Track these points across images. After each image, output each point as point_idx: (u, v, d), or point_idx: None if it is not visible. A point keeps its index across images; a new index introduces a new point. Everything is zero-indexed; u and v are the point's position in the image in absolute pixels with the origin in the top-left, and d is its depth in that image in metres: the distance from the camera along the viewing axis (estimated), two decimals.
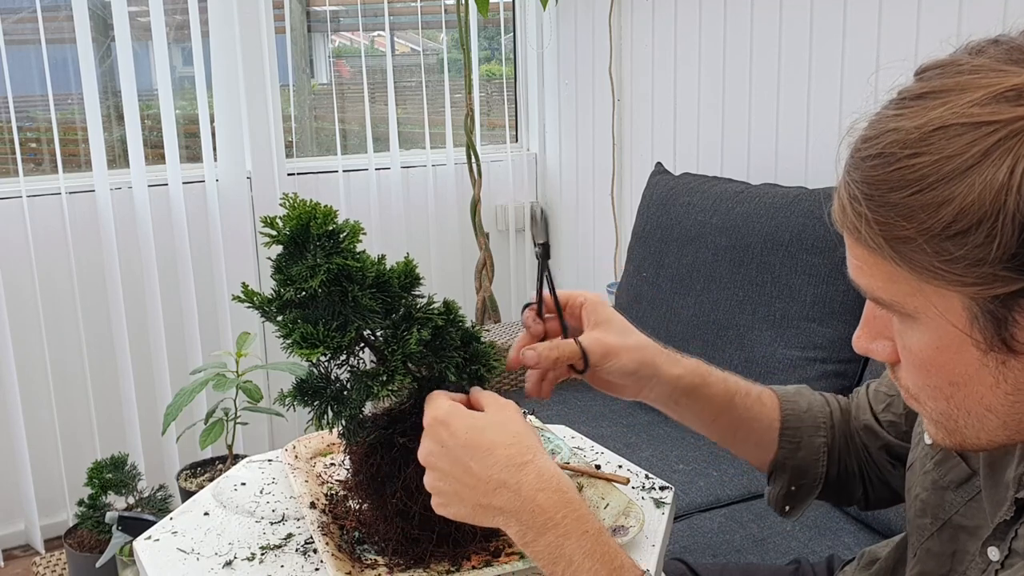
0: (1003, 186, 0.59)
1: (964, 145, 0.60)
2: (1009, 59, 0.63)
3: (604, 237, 2.94)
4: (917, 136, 0.62)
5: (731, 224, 2.05)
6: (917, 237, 0.63)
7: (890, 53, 1.98)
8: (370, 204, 2.86)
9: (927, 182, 0.61)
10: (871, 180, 0.65)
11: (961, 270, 0.62)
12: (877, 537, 1.61)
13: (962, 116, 0.61)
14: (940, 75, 0.65)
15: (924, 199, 0.62)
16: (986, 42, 0.66)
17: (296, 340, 0.84)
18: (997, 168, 0.59)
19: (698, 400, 1.00)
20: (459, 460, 0.81)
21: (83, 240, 2.50)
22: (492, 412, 0.84)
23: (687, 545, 1.63)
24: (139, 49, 2.59)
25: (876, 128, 0.66)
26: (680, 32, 2.56)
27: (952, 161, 0.60)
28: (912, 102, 0.65)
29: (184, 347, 2.65)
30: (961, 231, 0.61)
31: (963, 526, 0.82)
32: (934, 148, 0.61)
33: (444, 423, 0.82)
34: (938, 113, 0.62)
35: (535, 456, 0.80)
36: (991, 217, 0.59)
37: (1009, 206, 0.59)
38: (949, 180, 0.60)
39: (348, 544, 0.94)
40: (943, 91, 0.63)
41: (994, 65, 0.63)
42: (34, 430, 2.51)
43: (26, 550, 2.59)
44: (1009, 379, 0.66)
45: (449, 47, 3.12)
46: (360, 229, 0.87)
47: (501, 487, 0.79)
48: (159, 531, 1.01)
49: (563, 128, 3.09)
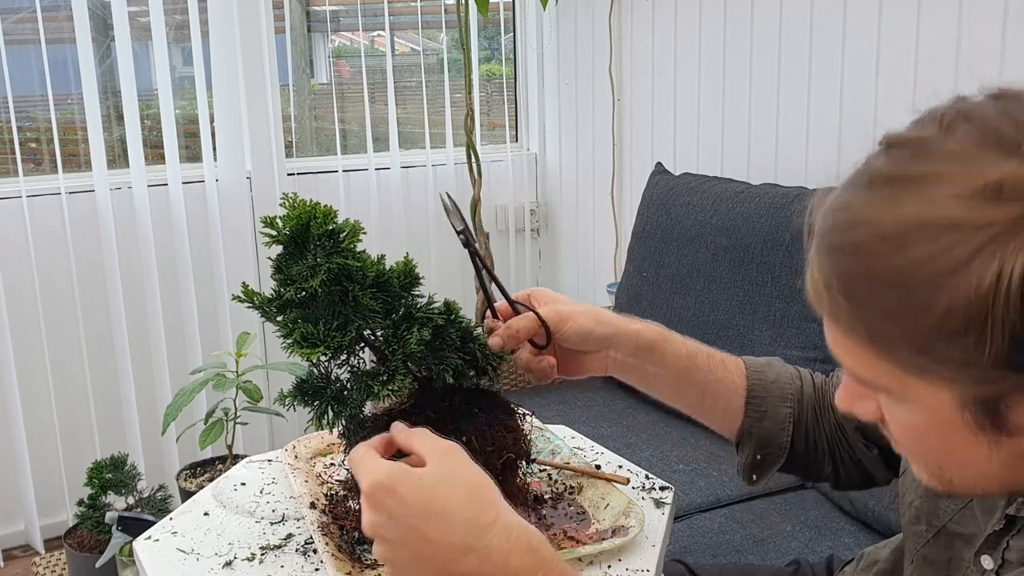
0: (989, 292, 0.56)
1: (945, 247, 0.57)
2: (983, 142, 0.59)
3: (604, 237, 2.94)
4: (894, 232, 0.59)
5: (731, 224, 2.05)
6: (900, 338, 0.61)
7: (890, 53, 1.98)
8: (370, 204, 2.86)
9: (909, 283, 0.59)
10: (848, 274, 0.62)
11: (949, 370, 0.60)
12: (877, 537, 1.61)
13: (941, 215, 0.58)
14: (911, 158, 0.61)
15: (907, 301, 0.59)
16: (956, 115, 0.62)
17: (296, 340, 0.84)
18: (982, 274, 0.56)
19: (662, 356, 1.00)
20: (413, 528, 0.72)
21: (83, 240, 2.50)
22: (438, 463, 0.75)
23: (687, 545, 1.63)
24: (139, 49, 2.59)
25: (848, 214, 0.63)
26: (680, 32, 2.56)
27: (935, 263, 0.57)
28: (884, 188, 0.61)
29: (184, 347, 2.65)
30: (947, 335, 0.58)
31: (958, 533, 0.82)
32: (913, 247, 0.58)
33: (388, 489, 0.73)
34: (914, 208, 0.59)
35: (499, 513, 0.73)
36: (979, 323, 0.57)
37: (998, 312, 0.56)
38: (932, 283, 0.58)
39: (348, 544, 0.94)
40: (916, 180, 0.60)
41: (969, 151, 0.59)
42: (34, 430, 2.51)
43: (26, 550, 2.58)
44: (1003, 452, 0.64)
45: (449, 47, 3.12)
46: (360, 229, 0.87)
47: (467, 553, 0.71)
48: (159, 531, 1.01)
49: (563, 128, 3.08)
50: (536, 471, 1.10)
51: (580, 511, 1.02)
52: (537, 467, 1.10)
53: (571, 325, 0.97)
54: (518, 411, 0.98)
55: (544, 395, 2.29)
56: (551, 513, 1.02)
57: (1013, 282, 0.55)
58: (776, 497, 1.80)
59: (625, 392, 2.19)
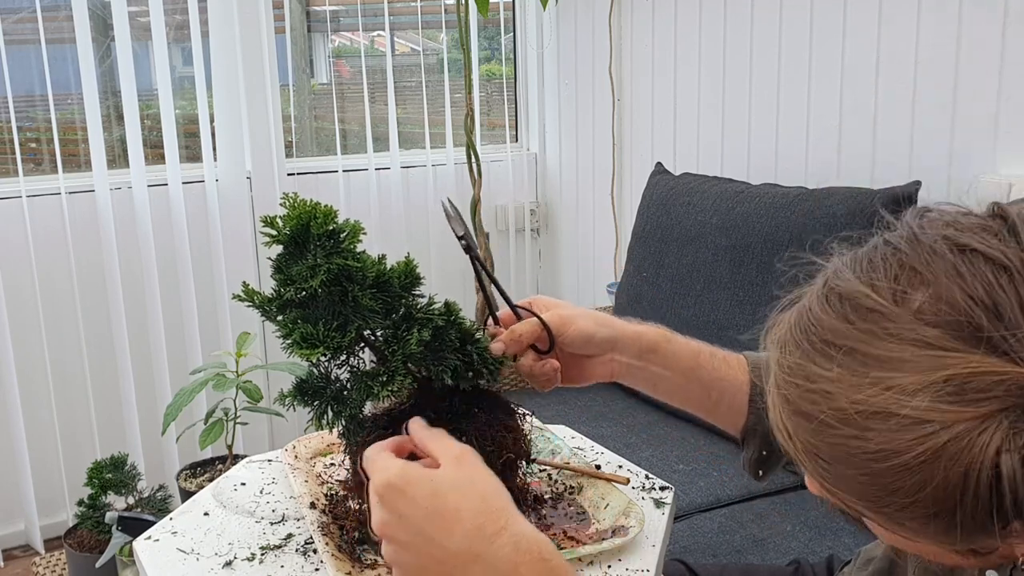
0: (957, 486, 0.55)
1: (909, 442, 0.55)
2: (944, 328, 0.56)
3: (604, 237, 2.94)
4: (854, 415, 0.57)
5: (731, 224, 2.05)
6: (869, 511, 0.61)
7: (890, 53, 1.98)
8: (370, 204, 2.86)
9: (874, 468, 0.57)
10: (812, 442, 0.61)
11: (921, 537, 0.61)
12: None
13: (902, 407, 0.56)
14: (869, 331, 0.58)
15: (873, 483, 0.58)
16: (911, 278, 0.58)
17: (296, 340, 0.84)
18: (948, 471, 0.55)
19: (666, 358, 1.00)
20: (421, 532, 0.72)
21: (83, 240, 2.50)
22: (451, 467, 0.75)
23: (687, 545, 1.63)
24: (139, 49, 2.59)
25: (806, 381, 0.60)
26: (680, 32, 2.56)
27: (898, 456, 0.56)
28: (842, 358, 0.58)
29: (184, 347, 2.65)
30: (917, 516, 0.58)
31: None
32: (876, 436, 0.57)
33: (399, 490, 0.73)
34: (874, 393, 0.57)
35: (508, 521, 0.72)
36: (949, 512, 0.56)
37: (967, 504, 0.55)
38: (896, 473, 0.56)
39: (348, 544, 0.94)
40: (875, 360, 0.57)
41: (928, 337, 0.56)
42: (34, 430, 2.51)
43: (26, 550, 2.58)
44: (974, 561, 0.64)
45: (449, 47, 3.12)
46: (360, 229, 0.87)
47: (474, 561, 0.71)
48: (159, 531, 1.01)
49: (563, 128, 3.08)
50: (536, 471, 1.10)
51: (580, 511, 1.02)
52: (537, 467, 1.10)
53: (573, 328, 0.97)
54: (518, 411, 0.98)
55: (544, 395, 2.29)
56: (551, 513, 1.02)
57: (981, 480, 0.54)
58: (776, 497, 1.80)
59: (625, 392, 2.19)
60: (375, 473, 0.76)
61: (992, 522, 0.56)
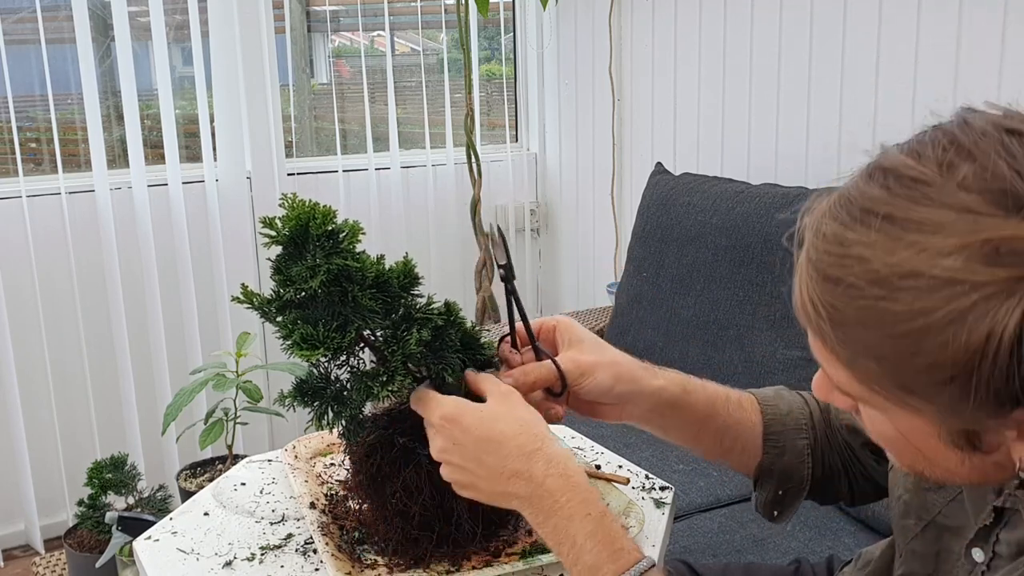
0: (978, 350, 0.57)
1: (938, 301, 0.57)
2: (986, 196, 0.58)
3: (604, 237, 2.94)
4: (887, 278, 0.59)
5: (731, 224, 2.05)
6: (884, 377, 0.62)
7: (890, 53, 1.98)
8: (370, 204, 2.86)
9: (897, 331, 0.59)
10: (836, 306, 0.62)
11: (930, 410, 0.62)
12: (877, 537, 1.61)
13: (936, 267, 0.57)
14: (909, 196, 0.60)
15: (893, 347, 0.60)
16: (958, 152, 0.60)
17: (296, 341, 0.84)
18: (971, 332, 0.56)
19: (682, 411, 0.98)
20: (473, 455, 0.85)
21: (83, 240, 2.50)
22: (496, 402, 0.87)
23: (687, 545, 1.63)
24: (139, 49, 2.59)
25: (841, 247, 0.62)
26: (680, 32, 2.56)
27: (925, 316, 0.58)
28: (879, 226, 0.60)
29: (184, 347, 2.65)
30: (932, 383, 0.59)
31: (947, 526, 0.83)
32: (905, 297, 0.58)
33: (454, 420, 0.85)
34: (909, 255, 0.58)
35: (543, 443, 0.84)
36: (964, 376, 0.58)
37: (984, 370, 0.57)
38: (921, 334, 0.58)
39: (348, 544, 0.94)
40: (913, 226, 0.59)
41: (969, 204, 0.58)
42: (34, 430, 2.51)
43: (26, 550, 2.58)
44: (975, 462, 0.66)
45: (449, 47, 3.12)
46: (359, 229, 0.87)
47: (515, 476, 0.83)
48: (159, 531, 1.01)
49: (563, 128, 3.08)
50: None
51: None
52: None
53: (590, 381, 0.93)
54: None
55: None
56: None
57: (1003, 343, 0.56)
58: None
59: None
60: (431, 408, 0.87)
61: (1006, 392, 0.57)
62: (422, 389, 0.89)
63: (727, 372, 1.99)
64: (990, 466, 0.66)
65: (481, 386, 0.90)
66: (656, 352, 2.15)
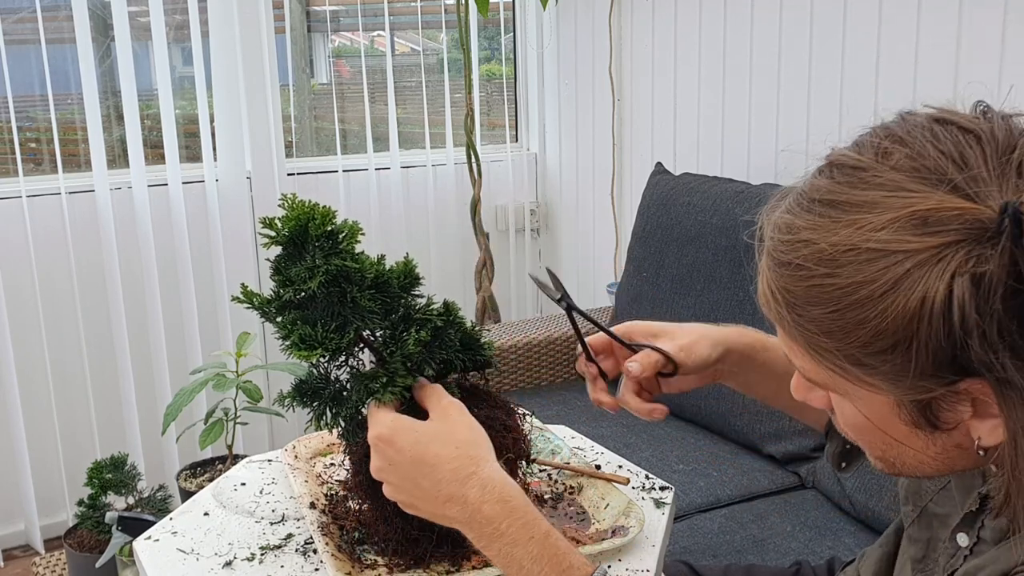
0: (914, 315, 0.61)
1: (875, 272, 0.62)
2: (916, 175, 0.63)
3: (604, 237, 2.94)
4: (830, 255, 0.64)
5: (731, 224, 2.05)
6: (836, 351, 0.66)
7: (890, 53, 1.98)
8: (370, 204, 2.86)
9: (842, 304, 0.63)
10: (789, 289, 0.67)
11: (880, 380, 0.65)
12: (877, 537, 1.61)
13: (871, 241, 0.62)
14: (849, 182, 0.66)
15: (840, 320, 0.64)
16: (892, 141, 0.66)
17: (295, 342, 0.84)
18: (907, 298, 0.61)
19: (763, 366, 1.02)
20: (408, 476, 0.84)
21: (83, 240, 2.50)
22: (436, 420, 0.86)
23: (687, 545, 1.63)
24: (139, 49, 2.59)
25: (791, 232, 0.68)
26: (680, 32, 2.55)
27: (865, 287, 0.62)
28: (823, 210, 0.66)
29: (184, 347, 2.65)
30: (877, 352, 0.63)
31: (936, 513, 0.85)
32: (847, 271, 0.63)
33: (388, 440, 0.84)
34: (849, 233, 0.63)
35: (478, 467, 0.82)
36: (905, 343, 0.62)
37: (922, 334, 0.61)
38: (862, 305, 0.62)
39: (348, 544, 0.94)
40: (853, 205, 0.64)
41: (901, 182, 0.63)
42: (34, 430, 2.51)
43: (26, 550, 2.58)
44: (938, 444, 0.69)
45: (449, 47, 3.12)
46: (359, 230, 0.87)
47: (449, 501, 0.82)
48: (159, 531, 1.01)
49: (563, 128, 3.08)
50: (536, 471, 1.10)
51: (580, 511, 1.02)
52: (537, 467, 1.11)
53: (694, 356, 0.98)
54: (518, 411, 0.98)
55: (544, 395, 2.29)
56: (551, 513, 1.02)
57: (935, 306, 0.60)
58: (776, 497, 1.80)
59: None
60: (371, 425, 0.86)
61: (946, 359, 0.61)
62: (374, 404, 0.88)
63: None
64: (953, 450, 0.69)
65: (425, 400, 0.88)
66: None
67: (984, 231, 0.60)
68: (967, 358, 0.61)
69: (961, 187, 0.62)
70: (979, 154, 0.63)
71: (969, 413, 0.65)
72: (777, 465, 1.91)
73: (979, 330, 0.59)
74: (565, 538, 0.83)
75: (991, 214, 0.60)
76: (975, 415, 0.65)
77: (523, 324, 2.48)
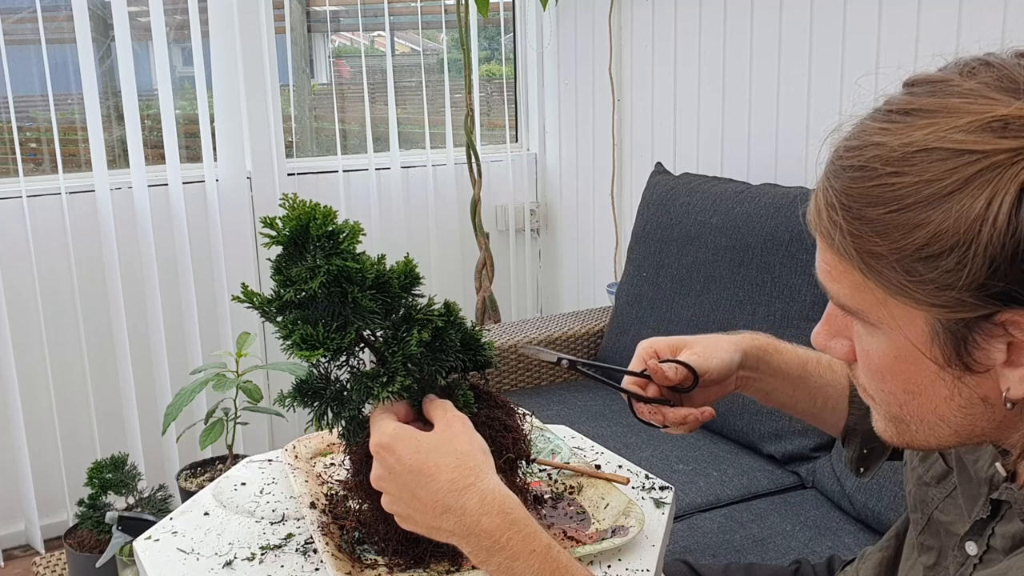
0: (979, 217, 0.59)
1: (945, 171, 0.60)
2: (1000, 86, 0.62)
3: (604, 237, 2.94)
4: (900, 155, 0.62)
5: (731, 224, 2.05)
6: (889, 255, 0.63)
7: (890, 53, 1.98)
8: (370, 204, 2.86)
9: (905, 203, 0.62)
10: (850, 192, 0.65)
11: (928, 292, 0.63)
12: (877, 537, 1.61)
13: (946, 141, 0.61)
14: (930, 92, 0.64)
15: (900, 219, 0.62)
16: (978, 63, 0.65)
17: (296, 342, 0.84)
18: (975, 198, 0.59)
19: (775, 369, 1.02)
20: (406, 486, 0.83)
21: (83, 240, 2.50)
22: (438, 431, 0.85)
23: (687, 545, 1.63)
24: (139, 49, 2.59)
25: (860, 138, 0.66)
26: (680, 32, 2.56)
27: (931, 185, 0.61)
28: (899, 117, 0.64)
29: (184, 347, 2.65)
30: (932, 255, 0.61)
31: (942, 521, 0.84)
32: (915, 170, 0.61)
33: (389, 448, 0.84)
34: (923, 134, 0.62)
35: (477, 478, 0.81)
36: (964, 245, 0.60)
37: (983, 237, 0.59)
38: (927, 204, 0.61)
39: (348, 544, 0.94)
40: (931, 111, 0.63)
41: (984, 91, 0.62)
42: (34, 430, 2.51)
43: (26, 550, 2.58)
44: (963, 393, 0.67)
45: (449, 47, 3.12)
46: (360, 230, 0.87)
47: (446, 512, 0.81)
48: (159, 531, 1.01)
49: (563, 128, 3.09)
50: (536, 471, 1.10)
51: (580, 511, 1.02)
52: (537, 467, 1.11)
53: (716, 364, 0.99)
54: (518, 411, 0.98)
55: (544, 395, 2.29)
56: (551, 513, 1.02)
57: (1002, 209, 0.58)
58: (776, 497, 1.80)
59: None
60: (373, 433, 0.86)
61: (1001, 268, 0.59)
62: (376, 411, 0.88)
63: None
64: (978, 404, 0.67)
65: (431, 412, 0.88)
66: None
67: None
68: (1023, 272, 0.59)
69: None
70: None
71: (1003, 358, 0.64)
72: (777, 465, 1.91)
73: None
74: (566, 551, 0.81)
75: None
76: (1008, 362, 0.64)
77: (523, 324, 2.49)
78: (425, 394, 0.91)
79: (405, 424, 0.87)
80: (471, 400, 0.92)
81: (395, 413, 0.88)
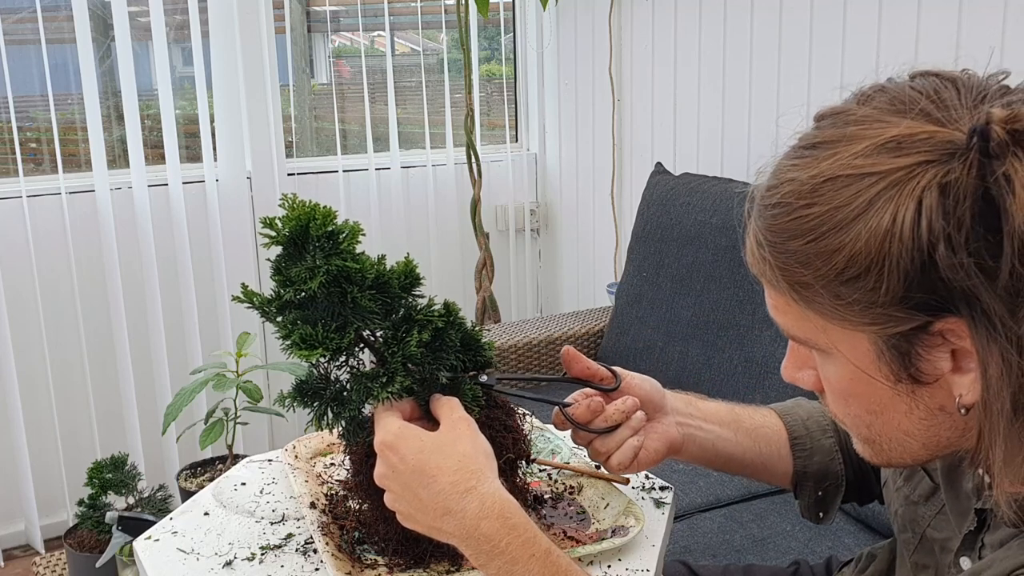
0: (887, 233, 0.62)
1: (850, 196, 0.63)
2: (892, 109, 0.66)
3: (604, 237, 2.94)
4: (810, 187, 0.66)
5: (731, 224, 2.05)
6: (815, 283, 0.66)
7: (890, 53, 1.98)
8: (370, 204, 2.86)
9: (820, 231, 0.65)
10: (772, 228, 0.68)
11: (858, 312, 0.65)
12: (877, 537, 1.61)
13: (848, 168, 0.64)
14: (831, 125, 0.68)
15: (818, 247, 0.65)
16: (874, 89, 0.69)
17: (295, 341, 0.84)
18: (880, 217, 0.62)
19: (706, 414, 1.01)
20: (408, 485, 0.83)
21: (83, 240, 2.50)
22: (443, 432, 0.85)
23: (687, 545, 1.63)
24: (139, 49, 2.59)
25: (777, 177, 0.70)
26: (680, 32, 2.56)
27: (841, 211, 0.64)
28: (807, 151, 0.68)
29: (184, 347, 2.65)
30: (853, 276, 0.64)
31: (935, 539, 0.84)
32: (824, 199, 0.65)
33: (392, 447, 0.84)
34: (828, 164, 0.65)
35: (478, 482, 0.81)
36: (878, 263, 0.62)
37: (893, 252, 0.62)
38: (839, 229, 0.64)
39: (348, 544, 0.94)
40: (833, 141, 0.66)
41: (878, 116, 0.66)
42: (34, 430, 2.51)
43: (26, 550, 2.59)
44: (921, 406, 0.69)
45: (449, 47, 3.12)
46: (359, 230, 0.87)
47: (447, 514, 0.81)
48: (159, 531, 1.01)
49: (563, 128, 3.09)
50: (536, 471, 1.10)
51: (580, 511, 1.02)
52: (537, 467, 1.11)
53: (636, 379, 1.00)
54: (518, 411, 0.98)
55: (544, 395, 2.29)
56: (551, 513, 1.02)
57: (906, 223, 0.61)
58: (776, 497, 1.80)
59: None
60: (378, 431, 0.86)
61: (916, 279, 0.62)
62: (380, 408, 0.87)
63: (727, 372, 2.00)
64: (938, 413, 0.69)
65: (438, 411, 0.88)
66: (656, 352, 2.15)
67: (954, 151, 0.61)
68: (937, 279, 0.61)
69: (934, 114, 0.64)
70: (954, 94, 0.66)
71: (950, 365, 0.66)
72: None
73: (946, 238, 0.60)
74: (565, 556, 0.81)
75: (961, 136, 0.62)
76: (955, 369, 0.66)
77: (523, 324, 2.48)
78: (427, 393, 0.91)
79: (410, 423, 0.87)
80: (479, 394, 0.91)
81: (400, 411, 0.88)
